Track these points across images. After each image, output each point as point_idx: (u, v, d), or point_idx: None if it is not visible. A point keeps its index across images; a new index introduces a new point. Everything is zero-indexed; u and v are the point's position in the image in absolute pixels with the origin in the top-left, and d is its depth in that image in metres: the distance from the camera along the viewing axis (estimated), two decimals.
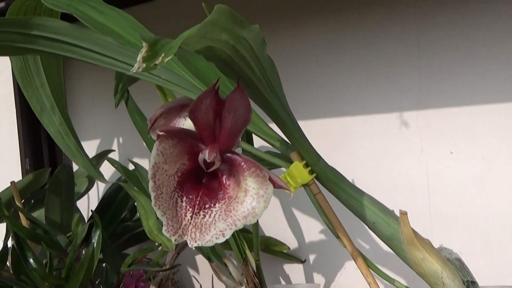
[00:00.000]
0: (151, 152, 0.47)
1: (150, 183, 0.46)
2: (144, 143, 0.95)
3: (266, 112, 0.55)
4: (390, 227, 0.57)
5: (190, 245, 0.47)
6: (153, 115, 0.62)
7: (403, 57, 0.96)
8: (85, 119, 1.31)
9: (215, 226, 0.47)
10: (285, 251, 1.08)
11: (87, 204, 1.33)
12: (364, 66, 1.00)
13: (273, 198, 0.47)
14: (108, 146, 1.32)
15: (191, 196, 0.49)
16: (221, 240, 0.46)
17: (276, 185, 0.49)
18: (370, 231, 0.59)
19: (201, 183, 0.50)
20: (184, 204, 0.48)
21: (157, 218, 1.01)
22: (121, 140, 1.33)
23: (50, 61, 0.78)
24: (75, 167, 1.22)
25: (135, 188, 1.01)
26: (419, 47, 0.94)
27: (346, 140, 1.03)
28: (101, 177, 0.87)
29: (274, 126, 0.59)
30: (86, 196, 1.27)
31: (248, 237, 0.95)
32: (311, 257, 1.08)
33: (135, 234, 1.19)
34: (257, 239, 0.88)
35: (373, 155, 1.00)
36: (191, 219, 0.48)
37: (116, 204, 1.18)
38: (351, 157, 1.02)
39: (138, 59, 0.32)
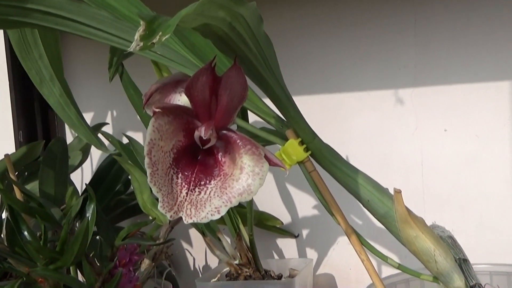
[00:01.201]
0: (145, 126, 0.47)
1: (146, 160, 0.46)
2: (138, 117, 0.95)
3: (262, 89, 0.55)
4: (384, 205, 0.58)
5: (185, 222, 0.47)
6: (148, 90, 0.61)
7: (400, 34, 0.95)
8: (79, 92, 1.30)
9: (211, 203, 0.47)
10: (278, 226, 1.08)
11: (81, 177, 1.33)
12: (361, 43, 0.99)
13: (268, 173, 0.47)
14: (102, 120, 1.32)
15: (186, 173, 0.49)
16: (216, 217, 0.47)
17: (271, 163, 0.49)
18: (364, 208, 0.59)
19: (197, 160, 0.50)
20: (179, 180, 0.48)
21: (151, 192, 1.02)
22: (115, 113, 1.32)
23: (47, 33, 0.77)
24: (68, 140, 1.22)
25: (129, 161, 1.01)
26: (416, 24, 0.94)
27: (341, 117, 1.03)
28: (102, 146, 0.87)
29: (269, 103, 0.59)
30: (80, 169, 1.27)
31: (242, 212, 0.96)
32: (304, 232, 1.09)
33: (129, 207, 1.20)
34: (251, 214, 0.89)
35: (367, 132, 1.00)
36: (187, 196, 0.48)
37: (110, 177, 1.18)
38: (346, 133, 1.02)
39: (135, 37, 0.32)
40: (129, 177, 1.16)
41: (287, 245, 1.11)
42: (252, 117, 0.75)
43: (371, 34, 0.98)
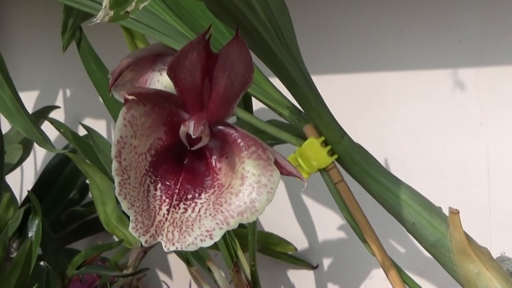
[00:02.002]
0: (111, 114, 0.48)
1: (114, 164, 0.46)
2: (101, 100, 0.95)
3: (273, 69, 0.56)
4: (436, 230, 0.58)
5: (165, 249, 0.48)
6: (117, 66, 0.62)
7: None
8: (20, 64, 1.31)
9: (200, 224, 0.48)
10: (290, 253, 1.09)
11: (21, 180, 1.34)
12: (407, 4, 0.99)
13: None
14: (50, 102, 1.32)
15: (168, 183, 0.49)
16: (208, 243, 0.47)
17: (284, 171, 0.49)
18: (408, 234, 0.60)
19: (182, 165, 0.50)
20: (158, 193, 0.49)
21: (118, 203, 1.03)
22: (68, 93, 1.33)
23: None
24: (4, 129, 1.23)
25: (87, 161, 1.01)
26: None
27: (378, 104, 1.03)
28: (47, 143, 0.87)
29: (282, 88, 0.60)
30: (19, 168, 1.28)
31: (242, 234, 0.96)
32: (325, 262, 1.10)
33: (86, 222, 1.21)
34: (253, 236, 0.89)
35: (414, 127, 1.00)
36: (168, 214, 0.48)
37: (60, 181, 1.19)
38: (385, 128, 1.02)
39: (103, 3, 0.33)
40: (87, 181, 1.17)
41: (302, 279, 1.12)
42: (256, 105, 0.75)
43: None
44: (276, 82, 0.60)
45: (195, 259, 0.97)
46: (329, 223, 1.08)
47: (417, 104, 1.00)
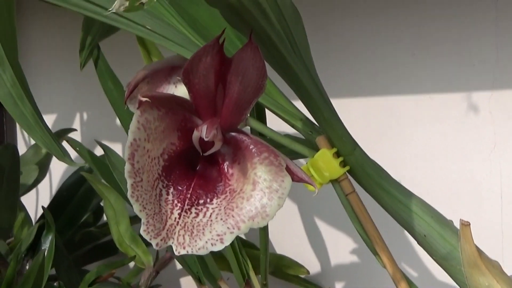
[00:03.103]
0: (126, 132, 0.48)
1: (127, 166, 0.47)
2: (118, 120, 0.96)
3: (286, 79, 0.56)
4: (447, 242, 0.58)
5: (176, 252, 0.48)
6: (133, 78, 0.63)
7: (475, 16, 0.96)
8: (38, 88, 1.32)
9: (211, 229, 0.48)
10: (303, 276, 1.09)
11: (36, 202, 1.34)
12: (422, 28, 1.00)
13: (289, 202, 0.47)
14: (68, 125, 1.33)
15: (180, 188, 0.50)
16: (218, 247, 0.47)
17: (295, 178, 0.49)
18: (419, 246, 0.60)
19: (195, 171, 0.51)
20: (170, 197, 0.49)
21: (131, 224, 1.03)
22: (85, 116, 1.34)
23: None
24: (21, 150, 1.24)
25: (102, 181, 1.02)
26: (497, 4, 0.94)
27: (392, 128, 1.03)
28: (66, 157, 0.87)
29: (294, 99, 0.60)
30: (34, 190, 1.28)
31: (254, 255, 0.96)
32: (338, 286, 1.09)
33: (100, 245, 1.21)
34: (265, 255, 0.89)
35: (428, 149, 1.00)
36: (180, 218, 0.49)
37: (75, 202, 1.19)
38: (399, 151, 1.02)
39: None
40: (101, 203, 1.17)
41: None
42: (271, 122, 0.76)
43: (436, 16, 0.99)
44: (289, 95, 0.60)
45: (206, 278, 0.96)
46: (341, 247, 1.08)
47: (431, 127, 1.00)
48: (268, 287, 0.93)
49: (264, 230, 0.85)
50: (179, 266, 1.23)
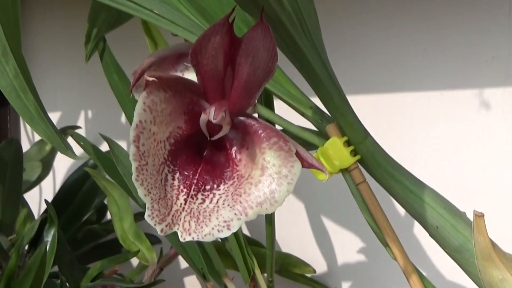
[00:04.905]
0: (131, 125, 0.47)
1: (132, 149, 0.46)
2: (123, 118, 0.95)
3: (297, 65, 0.55)
4: (460, 234, 0.57)
5: (181, 239, 0.47)
6: (140, 66, 0.62)
7: (488, 12, 0.95)
8: (42, 85, 1.31)
9: (218, 215, 0.47)
10: (309, 275, 1.08)
11: (39, 198, 1.34)
12: (433, 23, 0.99)
13: (296, 200, 0.45)
14: (72, 122, 1.33)
15: (186, 173, 0.49)
16: (225, 234, 0.46)
17: (305, 164, 0.49)
18: (431, 238, 0.59)
19: (202, 155, 0.50)
20: (176, 182, 0.48)
21: (135, 219, 1.02)
22: (90, 114, 1.33)
23: None
24: (25, 147, 1.23)
25: (106, 176, 1.01)
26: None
27: (402, 125, 1.02)
28: (69, 150, 0.87)
29: (304, 87, 0.59)
30: (38, 187, 1.28)
31: (260, 253, 0.95)
32: (344, 286, 1.08)
33: (104, 243, 1.20)
34: (271, 251, 0.88)
35: (439, 147, 1.00)
36: (185, 204, 0.48)
37: (78, 199, 1.18)
38: (409, 148, 1.02)
39: None
40: (105, 201, 1.17)
41: None
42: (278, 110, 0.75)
43: (448, 12, 0.98)
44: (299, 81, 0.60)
45: (211, 275, 0.95)
46: (348, 246, 1.07)
47: (442, 125, 1.00)
48: (274, 285, 0.92)
49: (271, 226, 0.84)
50: (183, 265, 1.23)
